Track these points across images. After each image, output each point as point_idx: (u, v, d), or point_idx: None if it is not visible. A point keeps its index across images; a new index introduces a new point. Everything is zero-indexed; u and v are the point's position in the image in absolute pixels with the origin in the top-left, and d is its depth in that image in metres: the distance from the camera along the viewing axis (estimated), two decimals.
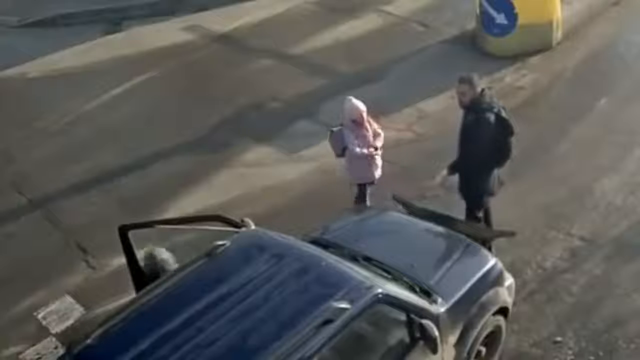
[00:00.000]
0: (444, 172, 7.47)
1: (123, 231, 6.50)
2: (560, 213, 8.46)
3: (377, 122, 8.28)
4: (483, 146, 7.20)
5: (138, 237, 8.48)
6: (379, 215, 7.46)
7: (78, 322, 7.47)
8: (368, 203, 8.30)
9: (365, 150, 7.94)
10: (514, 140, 7.37)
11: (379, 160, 8.13)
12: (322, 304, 5.23)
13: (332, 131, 8.16)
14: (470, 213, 7.66)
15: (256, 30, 13.15)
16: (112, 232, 8.53)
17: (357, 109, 7.92)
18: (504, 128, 7.28)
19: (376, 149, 8.03)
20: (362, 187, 8.26)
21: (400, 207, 7.72)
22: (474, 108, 7.26)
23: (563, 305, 7.35)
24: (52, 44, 12.82)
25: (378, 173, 8.19)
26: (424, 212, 7.46)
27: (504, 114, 7.30)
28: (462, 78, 7.39)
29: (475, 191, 7.52)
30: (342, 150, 8.10)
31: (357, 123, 7.94)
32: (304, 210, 8.55)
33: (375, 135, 8.08)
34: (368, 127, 8.03)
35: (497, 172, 7.53)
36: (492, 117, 7.20)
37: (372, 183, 8.26)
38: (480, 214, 7.67)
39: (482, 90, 7.37)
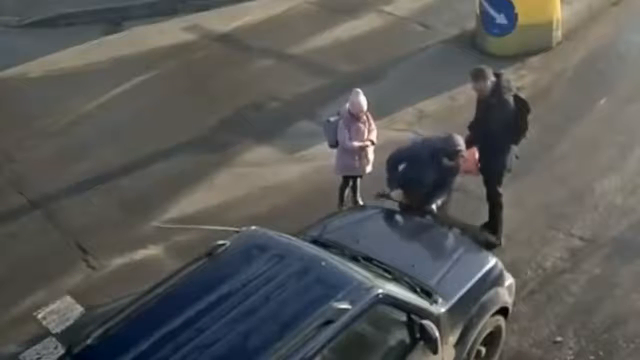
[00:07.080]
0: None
1: None
2: (560, 213, 8.47)
3: (375, 120, 8.36)
4: (504, 127, 7.46)
5: (136, 237, 8.56)
6: (379, 215, 7.45)
7: (78, 322, 7.45)
8: (346, 195, 8.48)
9: (356, 143, 8.05)
10: (530, 118, 7.61)
11: (370, 155, 8.21)
12: (322, 304, 5.23)
13: (328, 121, 8.31)
14: (491, 190, 7.83)
15: (256, 30, 13.12)
16: (112, 232, 8.61)
17: (360, 104, 8.03)
18: (522, 107, 7.57)
19: (372, 143, 8.15)
20: (346, 179, 8.43)
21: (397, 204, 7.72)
22: (496, 92, 7.51)
23: (563, 305, 7.36)
24: (52, 44, 12.77)
25: (369, 168, 8.29)
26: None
27: (520, 94, 7.74)
28: (474, 75, 7.61)
29: (495, 168, 7.70)
30: (335, 141, 8.23)
31: (356, 117, 8.06)
32: (304, 210, 8.52)
33: (370, 130, 8.20)
34: (365, 121, 8.14)
35: (514, 149, 7.75)
36: (511, 99, 7.52)
37: (359, 177, 8.37)
38: (501, 190, 7.83)
39: (498, 74, 7.62)
